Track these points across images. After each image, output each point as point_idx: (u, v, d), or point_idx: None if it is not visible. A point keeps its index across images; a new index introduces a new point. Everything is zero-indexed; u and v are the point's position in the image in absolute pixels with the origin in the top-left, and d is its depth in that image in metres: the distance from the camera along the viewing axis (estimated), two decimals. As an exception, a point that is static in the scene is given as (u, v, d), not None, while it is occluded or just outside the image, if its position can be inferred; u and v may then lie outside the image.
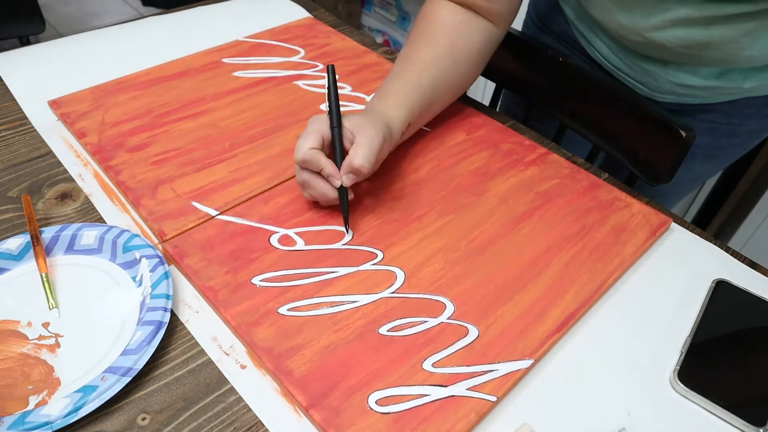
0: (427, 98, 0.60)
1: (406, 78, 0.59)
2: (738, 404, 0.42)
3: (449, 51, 0.61)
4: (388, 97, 0.58)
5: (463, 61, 0.62)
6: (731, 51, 0.58)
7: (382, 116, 0.55)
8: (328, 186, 0.50)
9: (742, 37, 0.56)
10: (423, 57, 0.60)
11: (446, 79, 0.61)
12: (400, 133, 0.57)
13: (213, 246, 0.50)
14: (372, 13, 2.39)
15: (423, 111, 0.60)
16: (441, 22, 0.61)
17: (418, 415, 0.39)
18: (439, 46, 0.61)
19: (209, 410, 0.40)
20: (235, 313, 0.45)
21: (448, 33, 0.61)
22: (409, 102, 0.58)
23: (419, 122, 0.61)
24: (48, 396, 0.39)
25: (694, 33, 0.58)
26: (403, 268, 0.49)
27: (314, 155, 0.49)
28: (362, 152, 0.49)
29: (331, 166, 0.50)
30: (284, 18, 0.85)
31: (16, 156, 0.59)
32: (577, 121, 0.74)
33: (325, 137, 0.51)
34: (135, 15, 2.47)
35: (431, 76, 0.60)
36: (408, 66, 0.60)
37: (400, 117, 0.56)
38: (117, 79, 0.69)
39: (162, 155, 0.59)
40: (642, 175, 0.67)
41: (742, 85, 0.64)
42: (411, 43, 0.62)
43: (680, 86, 0.66)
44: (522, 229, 0.54)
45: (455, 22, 0.61)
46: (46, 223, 0.52)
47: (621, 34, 0.65)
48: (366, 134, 0.50)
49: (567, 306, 0.47)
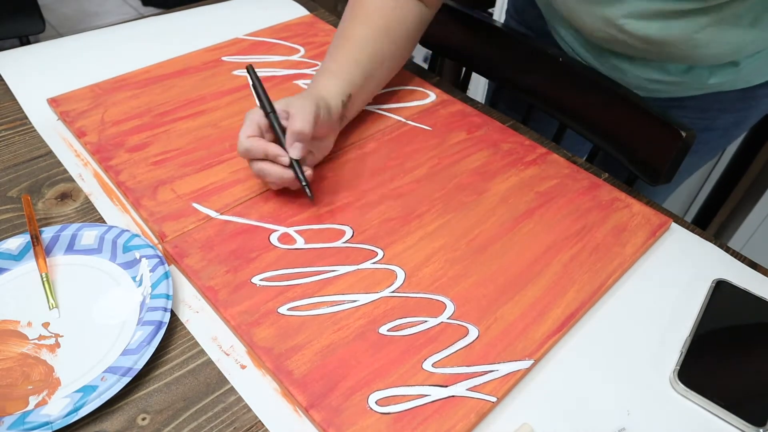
0: (365, 70, 0.61)
1: (342, 54, 0.61)
2: (738, 404, 0.42)
3: (385, 29, 0.63)
4: (322, 75, 0.60)
5: (398, 39, 0.65)
6: (689, 48, 0.60)
7: (314, 92, 0.56)
8: (280, 168, 0.51)
9: (696, 34, 0.58)
10: (359, 33, 0.62)
11: (384, 54, 0.64)
12: (340, 103, 0.58)
13: (213, 246, 0.50)
14: (372, 13, 2.38)
15: (364, 81, 0.61)
16: (377, 5, 0.63)
17: (418, 415, 0.39)
18: (374, 25, 0.63)
19: (209, 410, 0.40)
20: (235, 312, 0.45)
21: (384, 14, 0.63)
22: (344, 74, 0.59)
23: (363, 93, 0.63)
24: (48, 396, 0.39)
25: (652, 28, 0.59)
26: (403, 267, 0.49)
27: (254, 142, 0.50)
28: (298, 117, 0.51)
29: (275, 146, 0.51)
30: (284, 16, 0.85)
31: (16, 156, 0.59)
32: (576, 121, 0.74)
33: (262, 125, 0.52)
34: (135, 15, 2.47)
35: (368, 50, 0.62)
36: (344, 42, 0.62)
37: (336, 88, 0.58)
38: (116, 77, 0.69)
39: (162, 155, 0.59)
40: (642, 175, 0.67)
41: (707, 81, 0.66)
42: (347, 21, 0.64)
43: (648, 81, 0.68)
44: (522, 228, 0.54)
45: (392, 4, 0.63)
46: (46, 223, 0.52)
47: (586, 31, 0.67)
48: (296, 105, 0.52)
49: (567, 306, 0.47)
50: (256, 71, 0.55)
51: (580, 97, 0.72)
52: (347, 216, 0.54)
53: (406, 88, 0.72)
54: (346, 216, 0.54)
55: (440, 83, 0.75)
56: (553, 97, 0.76)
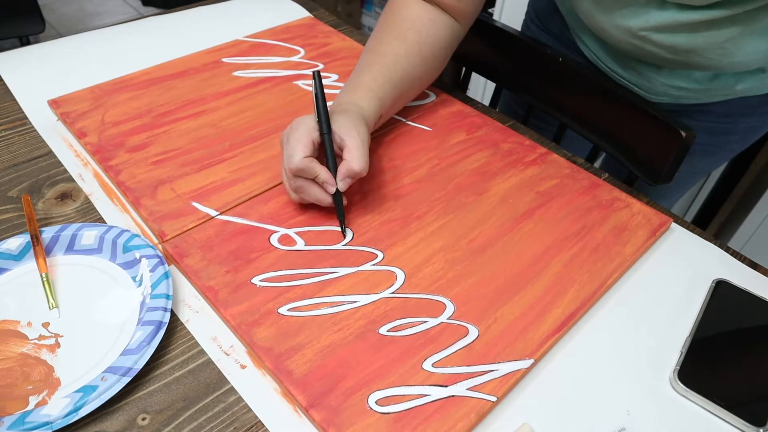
0: (397, 91, 0.61)
1: (377, 71, 0.60)
2: (738, 404, 0.42)
3: (418, 46, 0.62)
4: (359, 89, 0.58)
5: (430, 57, 0.64)
6: (717, 57, 0.59)
7: (359, 111, 0.55)
8: (322, 192, 0.51)
9: (726, 43, 0.57)
10: (393, 51, 0.61)
11: (414, 73, 0.62)
12: (373, 124, 0.58)
13: (213, 246, 0.50)
14: (372, 13, 2.39)
15: (393, 103, 0.61)
16: (410, 19, 0.62)
17: (418, 415, 0.39)
18: (408, 41, 0.62)
19: (209, 410, 0.40)
20: (235, 313, 0.45)
21: (416, 29, 0.62)
22: (380, 94, 0.59)
23: (388, 114, 0.63)
24: (48, 396, 0.39)
25: (678, 39, 0.58)
26: (403, 268, 0.49)
27: (308, 164, 0.49)
28: (357, 155, 0.50)
29: (326, 173, 0.50)
30: (284, 18, 0.85)
31: (16, 156, 0.59)
32: (577, 121, 0.74)
33: (315, 142, 0.51)
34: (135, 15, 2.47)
35: (401, 69, 0.61)
36: (378, 59, 0.61)
37: (372, 109, 0.57)
38: (117, 79, 0.69)
39: (162, 155, 0.59)
40: (642, 174, 0.67)
41: (734, 87, 0.65)
42: (379, 36, 0.63)
43: (674, 88, 0.67)
44: (522, 228, 0.54)
45: (424, 19, 0.62)
46: (46, 223, 0.52)
47: (612, 41, 0.66)
48: (354, 136, 0.51)
49: (567, 306, 0.47)
50: (322, 80, 0.54)
51: (581, 97, 0.72)
52: (347, 218, 0.54)
53: (406, 88, 0.72)
54: (347, 218, 0.53)
55: (440, 83, 0.75)
56: (554, 97, 0.76)
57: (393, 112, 0.64)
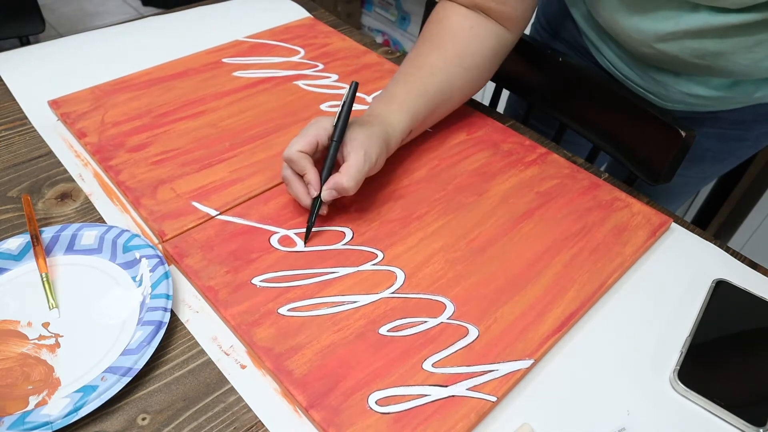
0: (431, 104, 0.59)
1: (411, 83, 0.58)
2: (738, 404, 0.42)
3: (458, 57, 0.60)
4: (392, 102, 0.57)
5: (472, 67, 0.61)
6: (743, 62, 0.57)
7: (383, 125, 0.54)
8: (304, 191, 0.50)
9: (755, 47, 0.55)
10: (431, 62, 0.59)
11: (453, 84, 0.60)
12: (400, 139, 0.56)
13: (213, 246, 0.50)
14: (372, 13, 2.39)
15: (426, 117, 0.59)
16: (451, 27, 0.60)
17: (418, 415, 0.39)
18: (448, 51, 0.60)
19: (209, 410, 0.40)
20: (235, 313, 0.45)
21: (458, 38, 0.60)
22: (413, 109, 0.57)
23: (422, 127, 0.61)
24: (48, 396, 0.39)
25: (707, 43, 0.57)
26: (403, 269, 0.49)
27: (300, 158, 0.49)
28: (352, 173, 0.49)
29: (314, 175, 0.49)
30: (284, 18, 0.85)
31: (16, 156, 0.59)
32: (577, 121, 0.74)
33: (320, 143, 0.51)
34: (135, 15, 2.47)
35: (438, 82, 0.59)
36: (415, 71, 0.59)
37: (401, 123, 0.56)
38: (117, 79, 0.69)
39: (162, 155, 0.59)
40: (642, 174, 0.67)
41: (753, 94, 0.64)
42: (420, 47, 0.61)
43: (691, 96, 0.66)
44: (522, 228, 0.54)
45: (466, 27, 0.60)
46: (46, 223, 0.52)
47: (632, 45, 0.64)
48: (360, 154, 0.50)
49: (567, 306, 0.47)
50: (356, 94, 0.52)
51: (581, 97, 0.72)
52: (347, 218, 0.54)
53: (406, 88, 0.72)
54: (346, 218, 0.54)
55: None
56: (554, 97, 0.76)
57: (429, 125, 0.62)
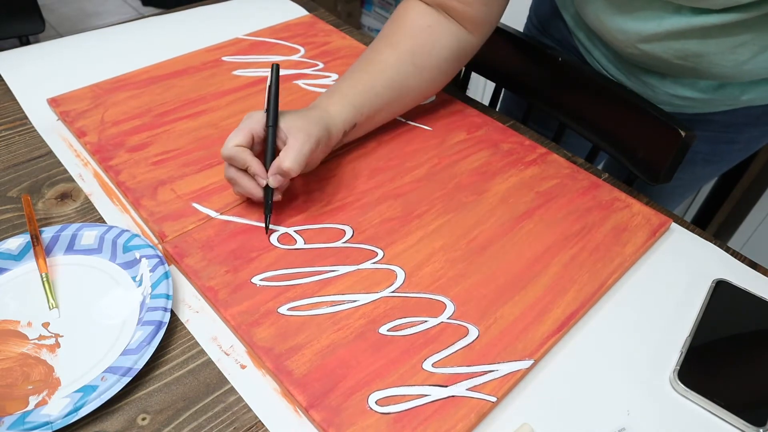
0: (379, 100, 0.58)
1: (358, 78, 0.58)
2: (738, 404, 0.42)
3: (411, 55, 0.59)
4: (334, 95, 0.57)
5: (427, 67, 0.60)
6: (727, 64, 0.57)
7: (323, 115, 0.54)
8: (253, 184, 0.50)
9: (738, 48, 0.55)
10: (383, 59, 0.59)
11: (405, 83, 0.60)
12: (342, 132, 0.56)
13: (213, 246, 0.50)
14: (372, 13, 2.39)
15: (374, 113, 0.59)
16: (409, 25, 0.60)
17: (418, 415, 0.39)
18: (401, 49, 0.59)
19: (209, 410, 0.40)
20: (235, 312, 0.45)
21: (414, 36, 0.59)
22: (355, 102, 0.57)
23: (370, 124, 0.60)
24: (48, 396, 0.39)
25: (690, 44, 0.57)
26: (403, 267, 0.49)
27: (239, 153, 0.49)
28: (292, 155, 0.49)
29: (258, 165, 0.49)
30: (284, 18, 0.85)
31: (16, 156, 0.59)
32: (577, 121, 0.74)
33: (256, 135, 0.51)
34: (135, 15, 2.47)
35: (387, 78, 0.58)
36: (365, 66, 0.59)
37: (342, 114, 0.55)
38: (116, 77, 0.69)
39: (162, 155, 0.59)
40: (642, 174, 0.67)
41: (739, 97, 0.64)
42: (375, 43, 0.61)
43: (677, 98, 0.66)
44: (522, 228, 0.54)
45: (423, 26, 0.59)
46: (46, 223, 0.52)
47: (617, 46, 0.64)
48: (298, 137, 0.50)
49: (567, 306, 0.47)
50: (279, 75, 0.53)
51: (581, 97, 0.72)
52: (347, 216, 0.54)
53: (406, 88, 0.72)
54: (346, 216, 0.54)
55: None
56: (554, 97, 0.76)
57: (380, 122, 0.62)
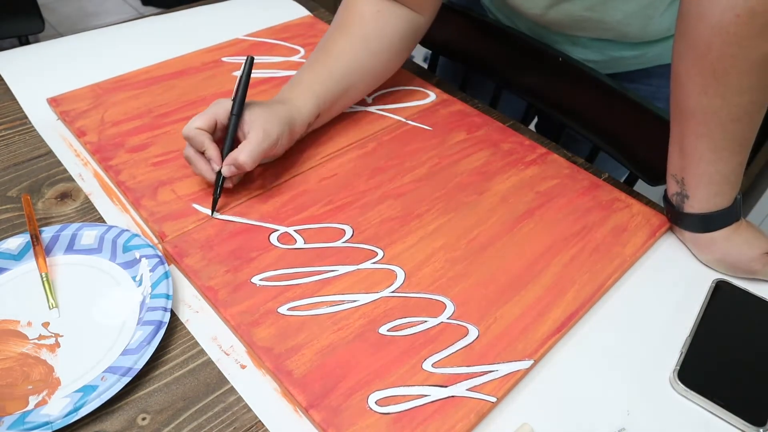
0: (339, 88, 0.61)
1: (318, 68, 0.60)
2: (738, 404, 0.42)
3: (365, 40, 0.62)
4: (297, 86, 0.59)
5: (380, 51, 0.63)
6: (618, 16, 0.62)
7: (289, 108, 0.56)
8: (207, 167, 0.52)
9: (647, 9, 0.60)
10: (338, 47, 0.61)
11: (362, 67, 0.62)
12: (306, 123, 0.58)
13: (213, 245, 0.50)
14: (372, 13, 2.38)
15: (335, 101, 0.61)
16: (359, 12, 0.62)
17: (418, 415, 0.39)
18: (354, 35, 0.62)
19: (209, 410, 0.40)
20: (235, 312, 0.45)
21: (364, 22, 0.62)
22: (318, 92, 0.59)
23: (331, 111, 0.62)
24: (48, 396, 0.39)
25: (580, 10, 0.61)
26: (403, 267, 0.49)
27: (198, 135, 0.51)
28: (248, 149, 0.50)
29: (215, 150, 0.51)
30: (284, 17, 0.85)
31: (16, 156, 0.59)
32: (577, 121, 0.74)
33: (219, 120, 0.52)
34: (135, 15, 2.47)
35: (344, 66, 0.61)
36: (321, 55, 0.61)
37: (307, 106, 0.57)
38: (116, 77, 0.69)
39: (162, 156, 0.59)
40: (642, 175, 0.67)
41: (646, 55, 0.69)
42: (329, 32, 0.63)
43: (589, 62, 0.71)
44: (522, 228, 0.54)
45: (373, 11, 0.62)
46: (46, 222, 0.52)
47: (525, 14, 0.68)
48: (259, 131, 0.51)
49: (567, 306, 0.47)
50: (252, 69, 0.55)
51: (580, 97, 0.72)
52: (347, 216, 0.54)
53: (406, 88, 0.72)
54: (346, 215, 0.54)
55: (440, 83, 0.75)
56: (553, 97, 0.76)
57: (340, 109, 0.64)
